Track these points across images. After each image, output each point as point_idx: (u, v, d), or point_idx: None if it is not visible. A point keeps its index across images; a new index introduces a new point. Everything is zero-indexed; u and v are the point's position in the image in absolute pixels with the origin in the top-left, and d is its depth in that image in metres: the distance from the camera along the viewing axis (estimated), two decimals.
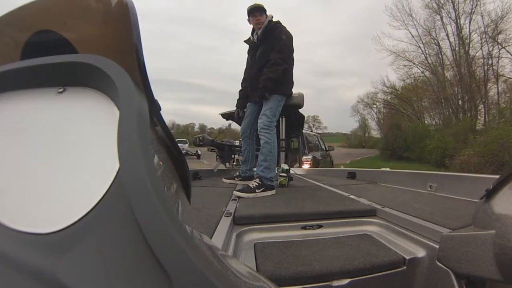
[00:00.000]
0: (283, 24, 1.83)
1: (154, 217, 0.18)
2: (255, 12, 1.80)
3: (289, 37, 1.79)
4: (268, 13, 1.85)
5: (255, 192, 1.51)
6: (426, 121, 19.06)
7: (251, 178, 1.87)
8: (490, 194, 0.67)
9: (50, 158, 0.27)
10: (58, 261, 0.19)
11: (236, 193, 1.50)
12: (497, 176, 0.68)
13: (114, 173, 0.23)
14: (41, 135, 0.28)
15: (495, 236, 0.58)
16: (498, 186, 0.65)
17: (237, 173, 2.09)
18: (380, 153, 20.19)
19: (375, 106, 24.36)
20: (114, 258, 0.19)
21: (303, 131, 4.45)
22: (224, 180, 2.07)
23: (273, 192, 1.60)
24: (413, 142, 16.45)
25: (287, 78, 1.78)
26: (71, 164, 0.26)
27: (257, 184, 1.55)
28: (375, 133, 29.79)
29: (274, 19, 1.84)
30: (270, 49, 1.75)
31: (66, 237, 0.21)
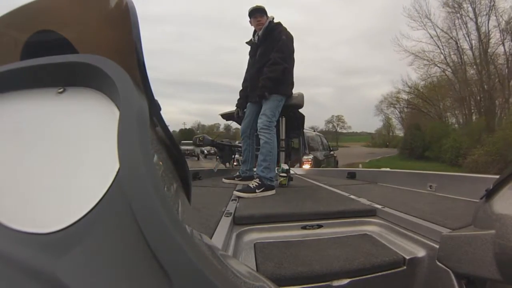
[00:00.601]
0: (286, 26, 1.84)
1: (154, 217, 0.18)
2: (256, 13, 1.82)
3: (289, 38, 1.80)
4: (271, 14, 1.87)
5: (255, 192, 1.51)
6: (448, 121, 18.76)
7: (251, 178, 1.87)
8: (490, 194, 0.67)
9: (50, 158, 0.27)
10: (58, 261, 0.19)
11: (236, 193, 1.50)
12: (497, 176, 0.68)
13: (114, 173, 0.23)
14: (41, 135, 0.28)
15: (495, 236, 0.58)
16: (498, 186, 0.65)
17: (237, 173, 2.09)
18: (399, 153, 20.11)
19: (397, 105, 23.89)
20: (114, 258, 0.19)
21: (304, 130, 4.44)
22: (224, 180, 2.07)
23: (273, 192, 1.60)
24: (431, 141, 16.40)
25: (286, 78, 1.78)
26: (71, 164, 0.26)
27: (257, 184, 1.55)
28: (399, 132, 29.33)
29: (276, 21, 1.86)
30: (270, 49, 1.75)
31: (66, 237, 0.21)
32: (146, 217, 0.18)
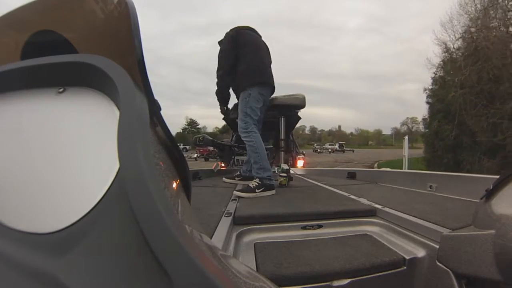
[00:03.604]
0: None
1: (154, 217, 0.18)
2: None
3: (225, 38, 1.80)
4: None
5: (255, 192, 1.51)
6: None
7: (251, 178, 1.88)
8: (490, 194, 0.67)
9: (50, 158, 0.27)
10: (58, 261, 0.19)
11: (236, 193, 1.50)
12: (497, 176, 0.68)
13: (114, 173, 0.23)
14: (41, 135, 0.28)
15: (495, 236, 0.58)
16: (498, 186, 0.65)
17: (238, 173, 2.09)
18: None
19: None
20: (114, 258, 0.19)
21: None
22: (224, 179, 2.07)
23: (273, 192, 1.59)
24: None
25: (239, 75, 1.77)
26: (71, 164, 0.26)
27: (257, 184, 1.55)
28: None
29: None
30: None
31: (66, 237, 0.21)
32: (146, 217, 0.18)
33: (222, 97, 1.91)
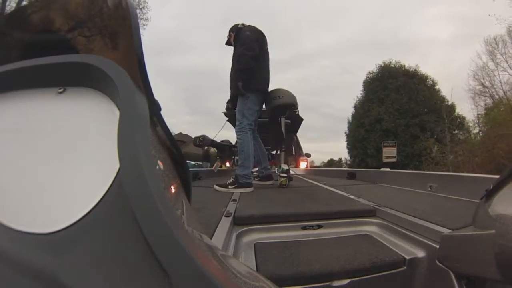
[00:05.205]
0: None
1: (154, 217, 0.18)
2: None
3: (253, 31, 1.87)
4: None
5: (227, 188, 1.66)
6: None
7: (269, 177, 1.95)
8: (490, 194, 0.67)
9: (50, 158, 0.27)
10: (58, 261, 0.19)
11: (214, 186, 1.69)
12: (497, 176, 0.68)
13: (114, 173, 0.23)
14: (41, 135, 0.28)
15: (495, 236, 0.58)
16: (498, 186, 0.65)
17: (231, 180, 2.06)
18: None
19: None
20: (114, 258, 0.19)
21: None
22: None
23: (250, 189, 1.66)
24: None
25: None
26: (71, 164, 0.26)
27: (231, 181, 1.68)
28: None
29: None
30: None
31: (66, 237, 0.21)
32: (146, 217, 0.18)
33: (245, 77, 1.79)
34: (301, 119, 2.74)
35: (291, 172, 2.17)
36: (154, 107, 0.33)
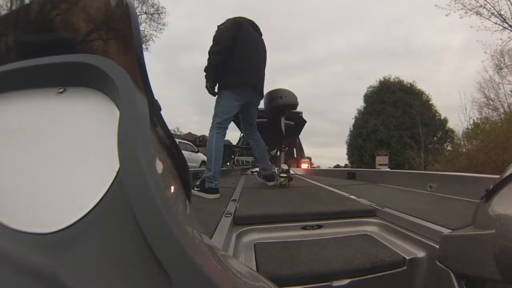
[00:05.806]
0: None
1: (154, 217, 0.18)
2: None
3: (232, 23, 1.68)
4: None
5: (193, 190, 1.51)
6: None
7: (271, 176, 1.92)
8: (490, 194, 0.67)
9: (50, 158, 0.27)
10: (58, 261, 0.19)
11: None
12: (497, 176, 0.68)
13: (114, 173, 0.23)
14: (41, 135, 0.28)
15: (495, 236, 0.58)
16: (498, 186, 0.65)
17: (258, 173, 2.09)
18: None
19: None
20: (114, 258, 0.19)
21: None
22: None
23: (212, 196, 1.48)
24: None
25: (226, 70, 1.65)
26: (71, 164, 0.26)
27: (198, 183, 1.56)
28: None
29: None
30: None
31: (66, 237, 0.21)
32: (146, 217, 0.18)
33: (212, 77, 1.65)
34: (304, 121, 2.74)
35: (291, 172, 2.17)
36: (154, 107, 0.33)
